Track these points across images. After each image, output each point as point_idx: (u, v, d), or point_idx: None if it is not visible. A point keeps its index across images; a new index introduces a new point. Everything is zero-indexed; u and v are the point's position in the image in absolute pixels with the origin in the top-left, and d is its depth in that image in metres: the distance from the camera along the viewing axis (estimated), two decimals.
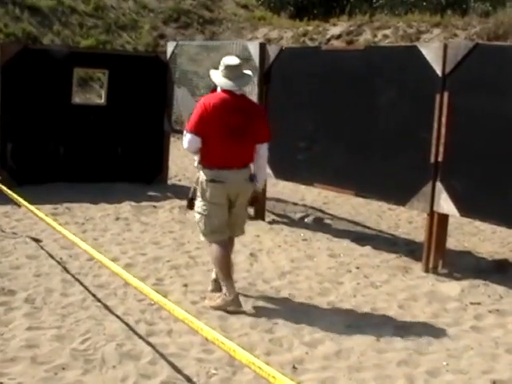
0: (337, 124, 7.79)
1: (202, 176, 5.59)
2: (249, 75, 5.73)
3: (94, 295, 5.90)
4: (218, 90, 5.64)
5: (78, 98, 11.64)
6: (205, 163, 5.57)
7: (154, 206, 9.62)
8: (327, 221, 9.29)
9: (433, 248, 6.90)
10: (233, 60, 5.61)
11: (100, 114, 10.86)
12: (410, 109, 6.91)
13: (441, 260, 6.98)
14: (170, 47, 11.02)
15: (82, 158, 10.71)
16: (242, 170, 5.59)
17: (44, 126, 10.34)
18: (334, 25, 19.95)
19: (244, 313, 5.58)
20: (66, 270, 6.56)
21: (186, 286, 6.24)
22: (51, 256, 7.00)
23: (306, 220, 9.27)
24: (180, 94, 10.74)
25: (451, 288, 6.40)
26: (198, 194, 5.65)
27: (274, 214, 9.61)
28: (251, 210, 9.24)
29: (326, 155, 7.94)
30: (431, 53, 6.66)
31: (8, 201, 9.35)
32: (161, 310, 5.48)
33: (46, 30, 19.61)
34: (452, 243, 8.28)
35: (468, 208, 6.54)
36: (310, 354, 4.86)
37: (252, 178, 5.68)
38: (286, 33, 20.76)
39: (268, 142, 5.72)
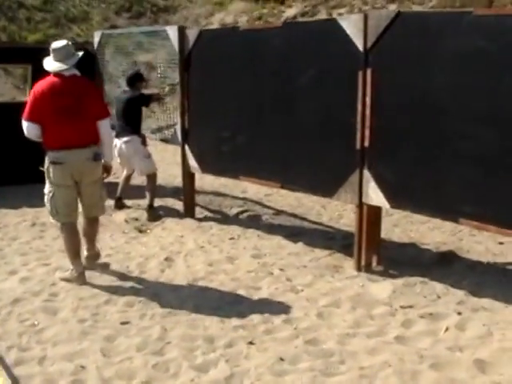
0: (258, 110, 7.03)
1: (46, 158, 5.75)
2: (77, 54, 5.82)
3: None
4: None
5: None
6: (46, 146, 5.74)
7: None
8: (264, 216, 8.54)
9: (364, 243, 6.18)
10: (58, 43, 5.80)
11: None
12: (333, 90, 6.16)
13: (375, 256, 6.26)
14: (97, 37, 10.23)
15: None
16: (82, 149, 5.70)
17: None
18: (290, 6, 19.15)
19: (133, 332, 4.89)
20: None
21: (80, 299, 5.52)
22: None
23: (240, 216, 8.53)
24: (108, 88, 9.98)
25: (382, 289, 5.67)
26: (46, 176, 5.79)
27: (207, 209, 8.87)
28: (180, 207, 8.57)
29: (250, 145, 7.18)
30: (351, 26, 5.91)
31: None
32: (43, 331, 4.80)
33: None
34: (397, 234, 7.59)
35: (399, 198, 5.81)
36: (196, 382, 4.13)
37: (96, 157, 5.79)
38: (241, 17, 19.97)
39: (107, 118, 5.87)
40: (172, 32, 8.04)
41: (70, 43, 5.83)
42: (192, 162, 8.08)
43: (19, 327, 4.98)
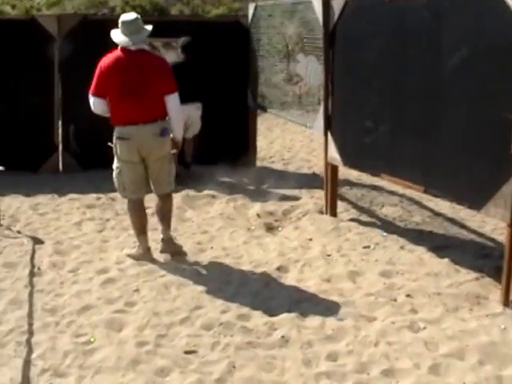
0: (401, 97, 5.86)
1: (114, 134, 5.66)
2: (146, 29, 5.64)
3: (30, 324, 4.57)
4: None
5: None
6: (113, 121, 5.66)
7: (213, 196, 8.13)
8: (417, 219, 7.33)
9: None
10: (128, 16, 5.62)
11: None
12: (487, 76, 4.88)
13: None
14: (251, 9, 9.41)
15: None
16: (148, 124, 5.57)
17: None
18: None
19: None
20: (31, 285, 5.29)
21: (155, 314, 4.75)
22: (32, 264, 5.78)
23: (388, 218, 7.37)
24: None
25: None
26: (114, 151, 5.72)
27: (355, 206, 7.81)
28: (320, 203, 7.57)
29: (392, 138, 6.04)
30: None
31: (54, 188, 8.37)
32: (93, 352, 4.10)
33: (175, 0, 18.58)
34: None
35: None
36: None
37: (163, 132, 5.65)
38: None
39: (174, 93, 5.65)
40: (317, 3, 7.03)
41: (139, 17, 5.64)
42: (333, 153, 7.06)
43: (69, 344, 4.30)
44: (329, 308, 4.85)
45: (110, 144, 5.70)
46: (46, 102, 9.22)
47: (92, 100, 5.63)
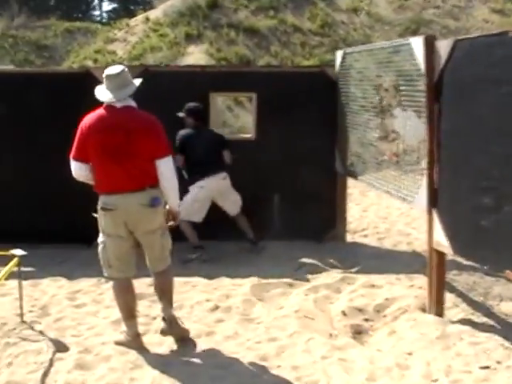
0: None
1: (98, 203, 5.03)
2: (133, 84, 5.01)
3: None
4: None
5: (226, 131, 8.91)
6: (96, 189, 5.03)
7: (289, 284, 6.62)
8: None
9: None
10: (113, 69, 5.01)
11: (248, 151, 8.08)
12: None
13: None
14: (338, 57, 7.99)
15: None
16: (135, 193, 4.90)
17: None
18: None
19: None
20: None
21: None
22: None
23: None
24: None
25: None
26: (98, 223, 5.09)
27: (465, 299, 6.13)
28: (422, 295, 5.97)
29: None
30: None
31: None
32: None
33: (263, 51, 17.46)
34: None
35: None
36: None
37: (154, 202, 4.93)
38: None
39: (167, 157, 4.96)
40: (416, 45, 5.52)
41: (126, 69, 5.01)
42: (440, 237, 5.46)
43: None
44: None
45: (94, 214, 5.08)
46: None
47: (73, 165, 4.97)
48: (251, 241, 7.84)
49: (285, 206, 8.19)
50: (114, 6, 49.88)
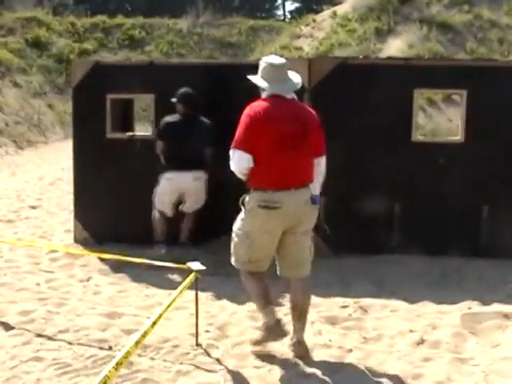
0: None
1: (251, 199, 4.63)
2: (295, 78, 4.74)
3: None
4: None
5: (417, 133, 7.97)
6: (256, 184, 4.62)
7: (505, 316, 5.61)
8: None
9: None
10: (278, 59, 4.73)
11: (456, 155, 7.15)
12: None
13: None
14: None
15: (421, 220, 7.19)
16: (300, 190, 4.62)
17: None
18: None
19: None
20: None
21: None
22: None
23: None
24: None
25: None
26: (242, 216, 4.71)
27: None
28: None
29: None
30: None
31: None
32: None
33: (457, 48, 16.26)
34: None
35: None
36: None
37: (315, 200, 4.68)
38: None
39: (324, 156, 4.76)
40: None
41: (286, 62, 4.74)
42: None
43: None
44: None
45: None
46: None
47: (237, 155, 4.55)
48: (182, 243, 7.28)
49: (496, 217, 7.16)
50: (297, 5, 49.82)
